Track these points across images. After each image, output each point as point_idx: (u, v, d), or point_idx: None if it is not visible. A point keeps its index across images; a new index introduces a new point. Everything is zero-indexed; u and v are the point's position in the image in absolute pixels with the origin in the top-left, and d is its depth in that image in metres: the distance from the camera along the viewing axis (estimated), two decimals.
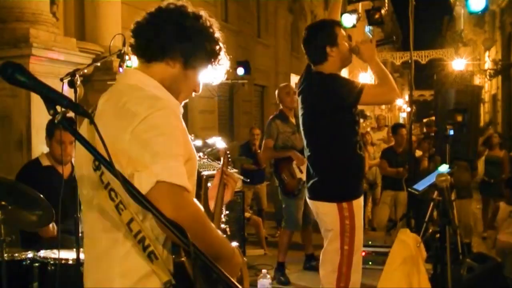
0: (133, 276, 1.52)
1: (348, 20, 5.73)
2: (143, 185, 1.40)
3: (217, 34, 1.77)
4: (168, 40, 1.65)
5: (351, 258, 3.15)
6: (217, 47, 1.77)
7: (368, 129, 12.09)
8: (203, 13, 1.78)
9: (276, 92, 5.82)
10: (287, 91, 5.68)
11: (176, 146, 1.49)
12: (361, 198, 3.27)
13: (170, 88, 1.67)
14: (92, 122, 1.24)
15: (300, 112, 3.43)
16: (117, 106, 1.54)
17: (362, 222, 3.27)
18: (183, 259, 1.52)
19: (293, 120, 5.63)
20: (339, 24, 3.33)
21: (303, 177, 5.41)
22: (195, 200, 1.53)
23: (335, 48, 3.20)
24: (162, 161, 1.43)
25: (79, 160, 1.66)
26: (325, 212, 3.21)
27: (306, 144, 3.38)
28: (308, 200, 3.40)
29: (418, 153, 7.43)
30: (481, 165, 8.20)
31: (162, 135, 1.47)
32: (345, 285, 3.14)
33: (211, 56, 1.76)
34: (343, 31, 3.28)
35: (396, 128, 7.69)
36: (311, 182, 3.32)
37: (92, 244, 1.62)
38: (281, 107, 5.73)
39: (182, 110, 1.70)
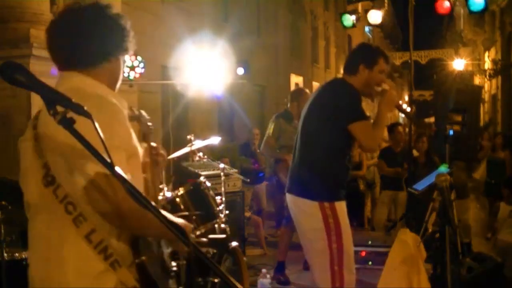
0: (89, 274, 1.52)
1: (348, 20, 5.72)
2: (83, 178, 1.43)
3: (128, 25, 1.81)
4: (107, 44, 1.71)
5: (342, 257, 3.14)
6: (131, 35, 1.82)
7: None
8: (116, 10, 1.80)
9: (297, 95, 5.77)
10: (306, 97, 5.72)
11: (114, 139, 1.51)
12: (343, 202, 3.29)
13: (110, 81, 1.73)
14: (92, 121, 1.24)
15: (305, 107, 3.44)
16: None
17: (347, 224, 3.26)
18: (143, 258, 1.54)
19: (296, 121, 5.65)
20: (386, 60, 3.39)
21: None
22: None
23: (367, 70, 3.30)
24: (100, 154, 1.47)
25: (24, 172, 1.68)
26: (309, 211, 3.23)
27: (301, 140, 3.38)
28: (287, 194, 3.39)
29: (415, 153, 7.43)
30: (483, 166, 8.18)
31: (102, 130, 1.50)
32: (341, 285, 3.14)
33: (130, 44, 1.81)
34: (385, 68, 3.36)
35: (391, 127, 7.65)
36: (296, 178, 3.34)
37: (41, 244, 1.61)
38: (288, 106, 5.72)
39: (126, 104, 1.73)
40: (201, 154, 5.53)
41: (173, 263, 1.79)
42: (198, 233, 3.82)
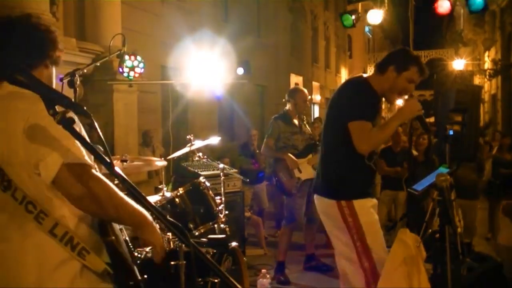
0: (50, 264, 1.55)
1: (348, 20, 5.73)
2: (50, 170, 1.48)
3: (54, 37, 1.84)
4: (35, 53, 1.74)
5: (370, 254, 3.15)
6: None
7: None
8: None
9: (292, 94, 5.78)
10: (304, 98, 5.72)
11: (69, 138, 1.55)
12: (366, 200, 3.25)
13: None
14: (92, 121, 1.24)
15: (327, 108, 3.44)
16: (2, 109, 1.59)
17: (372, 221, 3.24)
18: (112, 237, 1.61)
19: (295, 122, 5.65)
20: (421, 71, 3.27)
21: (302, 176, 5.42)
22: (100, 174, 1.60)
23: (395, 73, 3.20)
24: (61, 146, 1.51)
25: None
26: (329, 211, 3.25)
27: (323, 139, 3.39)
28: (314, 194, 3.43)
29: (415, 153, 7.43)
30: (488, 166, 8.15)
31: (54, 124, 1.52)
32: (375, 280, 3.13)
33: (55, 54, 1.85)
34: (415, 78, 3.25)
35: None
36: (319, 177, 3.37)
37: (1, 245, 1.62)
38: (287, 108, 5.72)
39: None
40: (201, 154, 5.53)
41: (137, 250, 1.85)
42: (197, 233, 3.82)
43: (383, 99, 3.34)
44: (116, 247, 1.61)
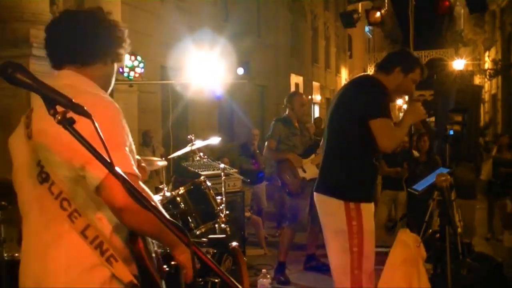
0: (81, 266, 1.53)
1: (348, 20, 5.72)
2: (96, 175, 1.44)
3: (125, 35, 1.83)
4: (104, 46, 1.73)
5: (361, 261, 3.10)
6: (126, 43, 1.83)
7: None
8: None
9: (289, 99, 5.78)
10: (302, 102, 5.73)
11: (121, 136, 1.56)
12: (371, 205, 3.24)
13: (103, 84, 1.75)
14: (92, 121, 1.24)
15: (332, 104, 3.40)
16: None
17: (372, 228, 3.21)
18: (141, 247, 1.58)
19: (296, 125, 5.65)
20: (423, 72, 3.34)
21: (307, 176, 5.42)
22: (143, 185, 1.57)
23: (402, 74, 3.24)
24: (111, 152, 1.47)
25: (17, 169, 1.70)
26: (333, 211, 3.18)
27: (328, 138, 3.34)
28: (315, 193, 3.34)
29: (415, 153, 7.44)
30: (488, 166, 8.15)
31: (109, 127, 1.50)
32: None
33: (124, 52, 1.83)
34: (418, 79, 3.32)
35: None
36: (324, 176, 3.31)
37: (32, 242, 1.62)
38: (287, 112, 5.72)
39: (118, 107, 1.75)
40: (201, 154, 5.53)
41: (165, 266, 1.81)
42: (198, 232, 3.82)
43: None
44: (144, 258, 1.58)
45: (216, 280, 3.26)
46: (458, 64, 21.64)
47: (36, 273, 1.59)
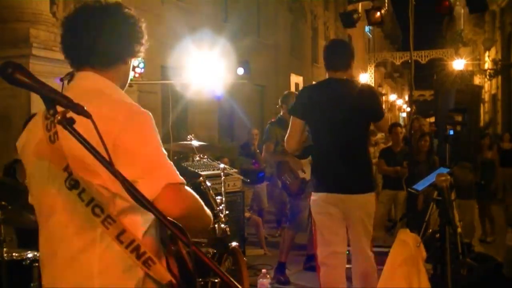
0: (113, 273, 1.50)
1: (348, 20, 5.72)
2: (152, 190, 1.42)
3: (143, 28, 1.76)
4: (126, 45, 1.67)
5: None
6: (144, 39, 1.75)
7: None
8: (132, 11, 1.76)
9: (284, 99, 5.76)
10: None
11: (161, 145, 1.54)
12: None
13: (122, 83, 1.72)
14: (92, 121, 1.24)
15: (333, 107, 3.63)
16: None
17: None
18: (179, 246, 1.57)
19: None
20: None
21: (307, 176, 5.42)
22: (190, 189, 1.57)
23: (352, 64, 3.79)
24: (160, 164, 1.49)
25: (36, 173, 1.62)
26: (367, 205, 3.59)
27: (346, 138, 3.57)
28: (333, 195, 3.57)
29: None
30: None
31: (153, 138, 1.52)
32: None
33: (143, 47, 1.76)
34: None
35: (391, 127, 7.67)
36: (350, 176, 3.54)
37: (62, 248, 1.56)
38: (281, 113, 5.72)
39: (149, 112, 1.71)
40: (201, 154, 5.54)
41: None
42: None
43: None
44: (185, 258, 1.56)
45: (216, 280, 3.26)
46: (458, 64, 21.61)
47: (69, 279, 1.54)
